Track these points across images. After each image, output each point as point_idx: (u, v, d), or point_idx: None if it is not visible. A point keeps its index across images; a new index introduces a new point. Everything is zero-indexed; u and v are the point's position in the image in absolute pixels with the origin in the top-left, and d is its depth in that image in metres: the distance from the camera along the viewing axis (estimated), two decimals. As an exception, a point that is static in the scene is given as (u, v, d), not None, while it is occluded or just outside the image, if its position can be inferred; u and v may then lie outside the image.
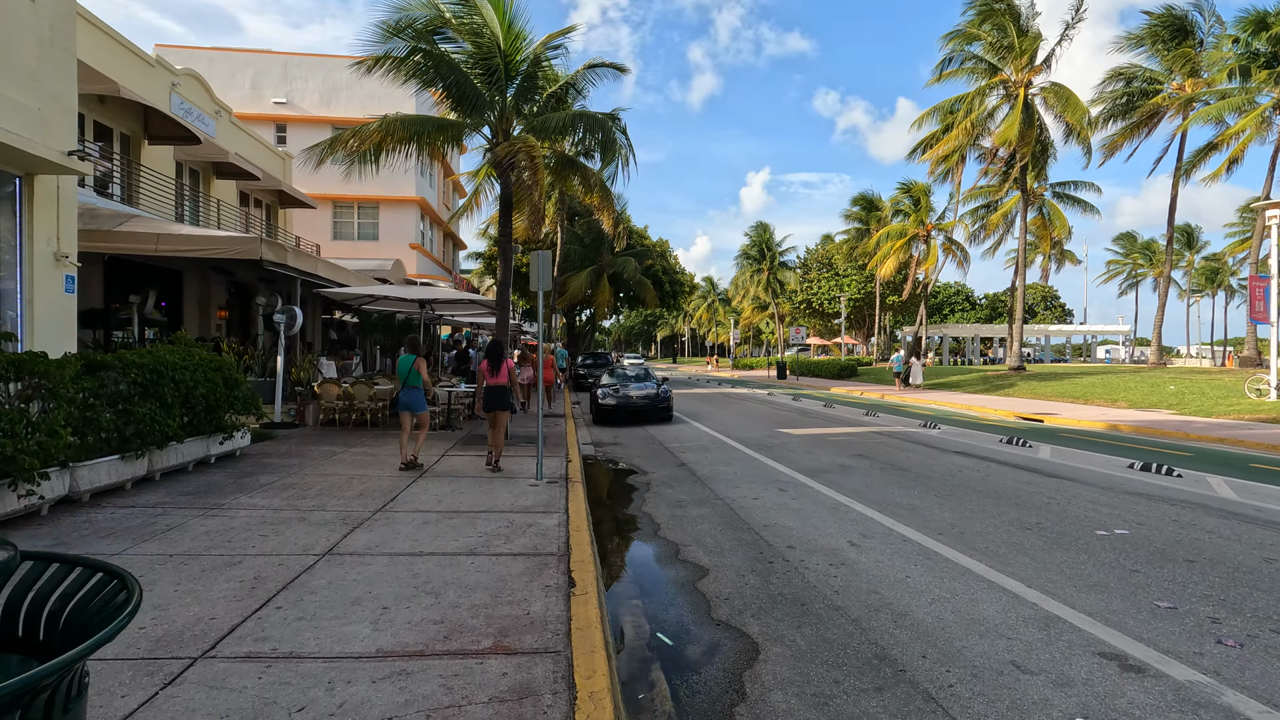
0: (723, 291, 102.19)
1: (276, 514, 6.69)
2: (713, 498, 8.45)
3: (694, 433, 15.30)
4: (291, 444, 11.30)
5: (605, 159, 11.85)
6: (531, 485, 8.49)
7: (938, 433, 15.11)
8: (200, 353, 8.66)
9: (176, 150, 19.05)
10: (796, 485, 9.15)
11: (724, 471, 10.28)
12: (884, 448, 12.68)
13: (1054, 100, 32.44)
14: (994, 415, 19.92)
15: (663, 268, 39.36)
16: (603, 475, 10.40)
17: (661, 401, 17.51)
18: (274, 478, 8.47)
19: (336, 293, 13.63)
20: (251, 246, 12.00)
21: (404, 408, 9.42)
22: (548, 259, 8.93)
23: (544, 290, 9.01)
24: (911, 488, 8.94)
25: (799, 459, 11.38)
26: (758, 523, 7.18)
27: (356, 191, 31.04)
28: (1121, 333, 66.49)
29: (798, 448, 12.72)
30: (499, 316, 12.53)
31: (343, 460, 9.88)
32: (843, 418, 18.65)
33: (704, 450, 12.54)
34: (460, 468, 9.60)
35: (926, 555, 5.98)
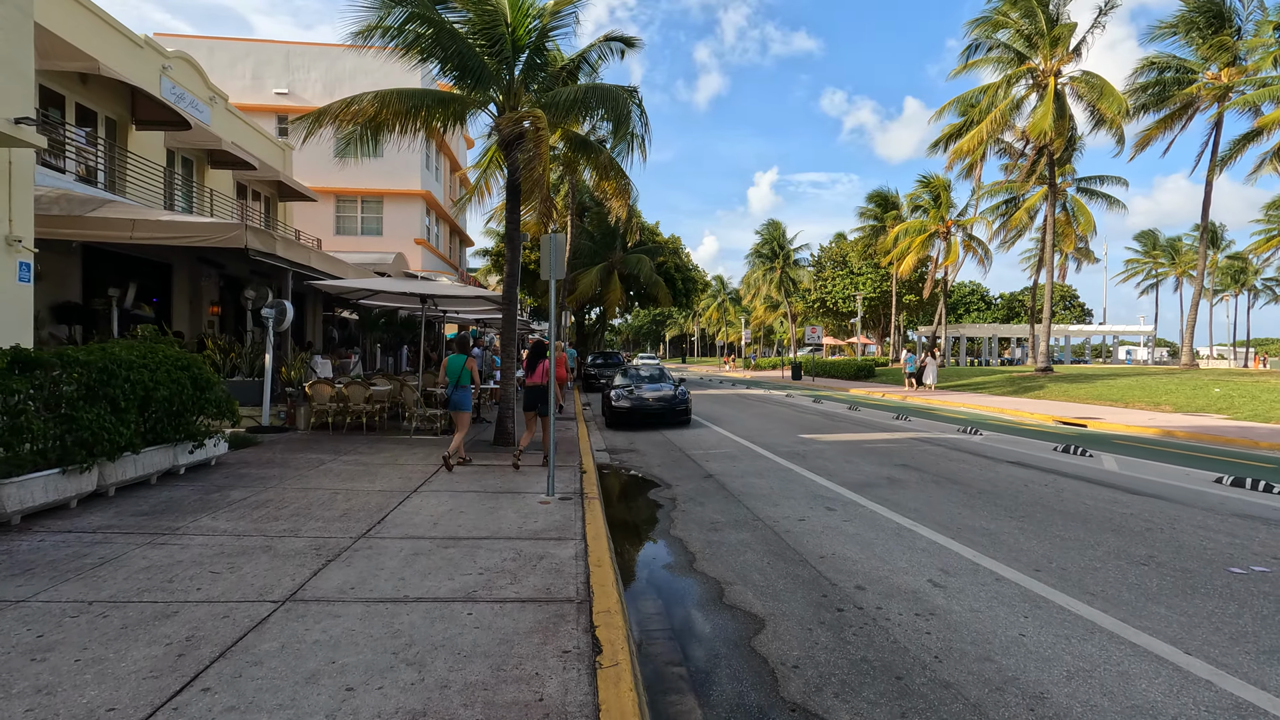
0: (733, 291, 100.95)
1: (239, 542, 5.60)
2: (751, 518, 7.31)
3: (716, 438, 14.15)
4: (276, 451, 10.23)
5: (617, 135, 10.68)
6: (542, 503, 7.37)
7: (981, 439, 13.90)
8: (165, 349, 7.59)
9: (168, 137, 18.08)
10: (845, 503, 8.00)
11: (758, 485, 9.13)
12: (928, 456, 11.50)
13: (1085, 90, 31.09)
14: (1031, 419, 18.67)
15: (675, 265, 38.22)
16: (621, 488, 9.27)
17: (679, 404, 16.38)
18: (248, 493, 7.39)
19: (329, 285, 12.57)
20: (235, 234, 10.96)
21: (455, 407, 9.45)
22: (560, 244, 7.81)
23: (555, 280, 7.90)
24: (978, 507, 7.77)
25: (839, 470, 10.22)
26: (811, 552, 6.03)
27: (360, 185, 30.10)
28: (1144, 333, 64.83)
29: (833, 456, 11.56)
30: (505, 312, 11.43)
31: (330, 471, 8.79)
32: (872, 421, 17.46)
33: (731, 459, 11.39)
34: (460, 479, 8.50)
35: (1033, 602, 4.82)
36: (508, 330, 11.41)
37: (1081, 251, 57.60)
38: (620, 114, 10.51)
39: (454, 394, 9.43)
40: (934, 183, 45.26)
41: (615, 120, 10.58)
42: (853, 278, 56.03)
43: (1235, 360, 70.30)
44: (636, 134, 10.76)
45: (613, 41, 11.70)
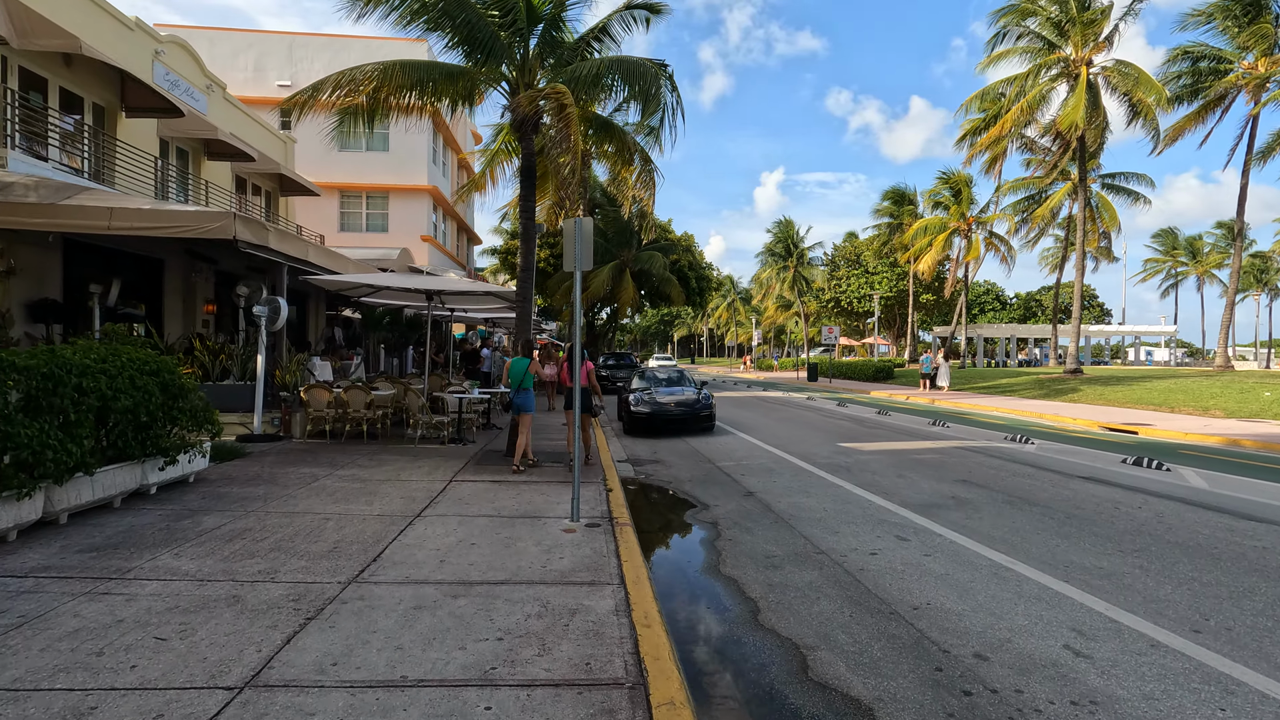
0: (742, 290, 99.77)
1: (200, 590, 4.54)
2: (812, 551, 6.21)
3: (745, 447, 13.05)
4: (265, 464, 9.20)
5: (646, 113, 9.53)
6: (567, 531, 6.30)
7: (1034, 449, 12.75)
8: (132, 351, 6.56)
9: (161, 126, 17.14)
10: (916, 531, 6.89)
11: (807, 506, 8.03)
12: (987, 470, 10.38)
13: (1119, 79, 29.83)
14: (1075, 425, 17.48)
15: (689, 263, 37.12)
16: (652, 510, 8.18)
17: (703, 409, 15.28)
18: (224, 519, 6.34)
19: (326, 280, 11.54)
20: (222, 224, 9.94)
21: (519, 410, 9.38)
22: (587, 231, 6.74)
23: (580, 270, 6.83)
24: (1074, 536, 6.64)
25: (894, 487, 9.10)
26: (900, 601, 4.94)
27: (365, 180, 29.15)
28: (1166, 333, 63.26)
29: (881, 469, 10.45)
30: (520, 309, 10.36)
31: (322, 490, 7.74)
32: (908, 428, 16.31)
33: (768, 472, 10.30)
34: (471, 498, 7.43)
35: (1221, 684, 3.71)
36: (522, 329, 10.35)
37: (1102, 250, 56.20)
38: (649, 90, 9.40)
39: (517, 397, 9.38)
40: (955, 178, 44.02)
41: (643, 98, 9.47)
42: (868, 277, 54.77)
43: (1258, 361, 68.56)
44: (667, 112, 9.57)
45: (636, 9, 10.60)
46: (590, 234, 6.77)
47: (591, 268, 6.78)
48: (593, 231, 6.80)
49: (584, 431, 10.01)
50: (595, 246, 34.98)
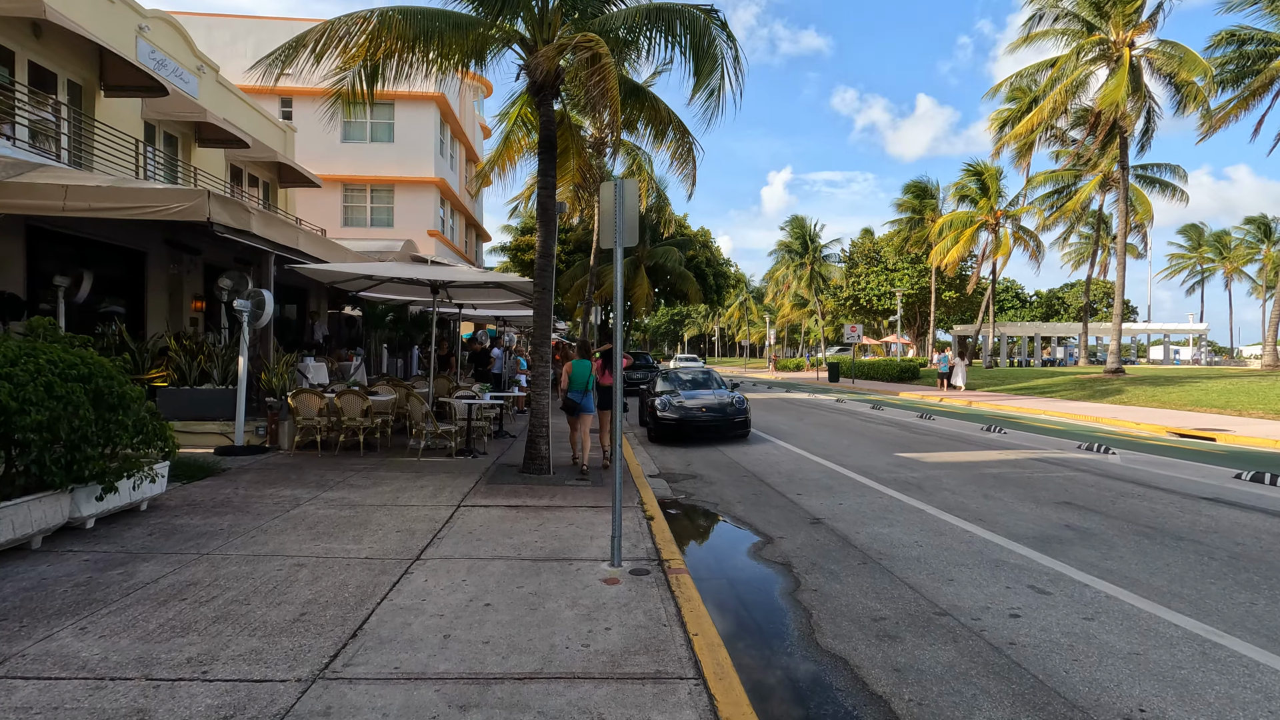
0: (754, 289, 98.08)
1: (93, 697, 3.12)
2: (929, 610, 4.74)
3: (790, 458, 11.58)
4: (241, 484, 7.80)
5: (700, 75, 7.93)
6: (608, 581, 4.86)
7: (1119, 461, 11.21)
8: (55, 352, 5.17)
9: (146, 108, 15.82)
10: (1051, 577, 5.40)
11: (894, 538, 6.55)
12: (1084, 488, 8.87)
13: (1163, 61, 28.11)
14: (1141, 430, 15.88)
15: (706, 259, 35.64)
16: (704, 544, 6.73)
17: (737, 415, 13.80)
18: (166, 567, 4.94)
19: (314, 270, 10.16)
20: (194, 204, 8.56)
21: (584, 411, 9.25)
22: (631, 193, 5.30)
23: (621, 247, 5.38)
24: (1264, 587, 5.14)
25: (985, 510, 7.61)
26: (1096, 703, 3.46)
27: (369, 172, 27.85)
28: (1198, 331, 61.18)
29: (959, 487, 8.95)
30: (538, 301, 8.92)
31: (303, 520, 6.33)
32: (962, 435, 14.78)
33: (827, 491, 8.82)
34: (484, 531, 6.00)
35: None
36: (541, 324, 8.91)
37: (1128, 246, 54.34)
38: (700, 44, 7.85)
39: (584, 400, 9.22)
40: (983, 171, 42.28)
41: (695, 54, 7.92)
42: (888, 274, 53.07)
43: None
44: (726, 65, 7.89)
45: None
46: (635, 200, 5.32)
47: (636, 242, 5.33)
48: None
49: (602, 431, 10.00)
50: (609, 242, 33.52)
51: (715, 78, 8.06)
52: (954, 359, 31.60)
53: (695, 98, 7.96)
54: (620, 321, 5.33)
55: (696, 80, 8.02)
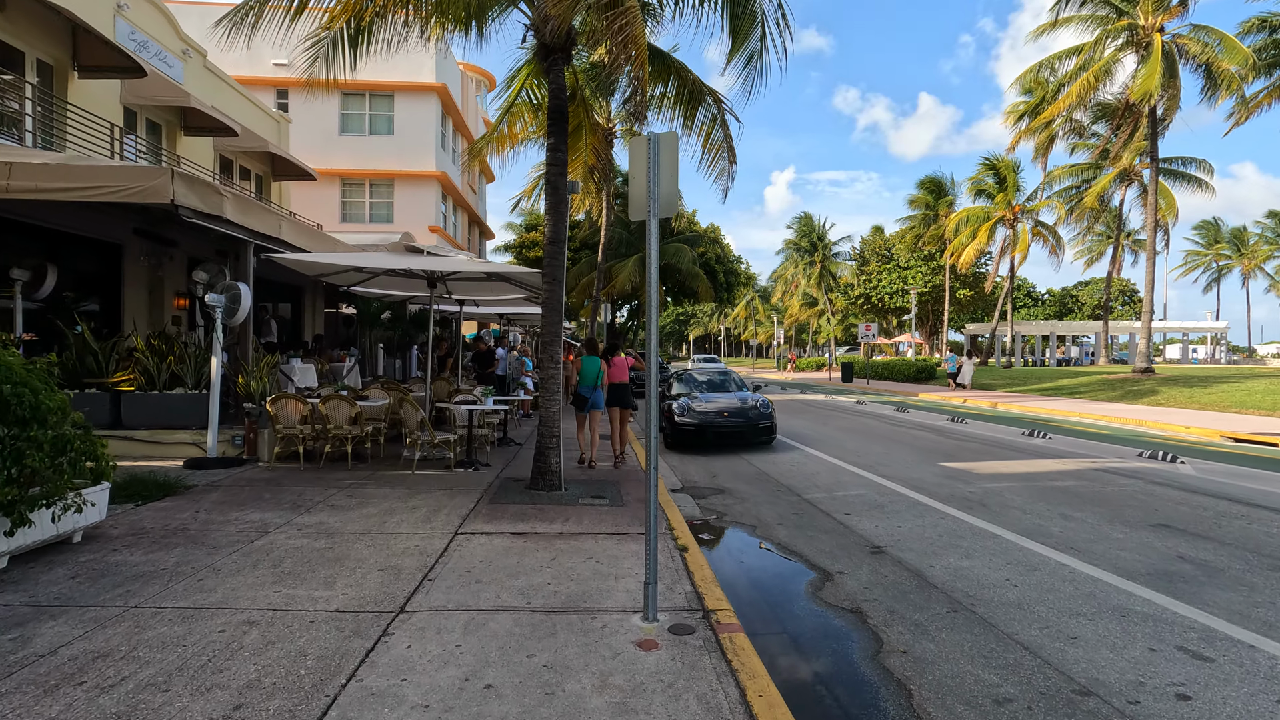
0: (760, 288, 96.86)
1: None
2: (1065, 686, 3.63)
3: (824, 468, 10.47)
4: (204, 506, 6.71)
5: (738, 36, 6.79)
6: (642, 645, 3.76)
7: (1194, 472, 10.07)
8: (-54, 351, 4.09)
9: (126, 92, 14.79)
10: (1202, 634, 4.28)
11: (977, 575, 5.44)
12: (1168, 505, 7.74)
13: (1196, 48, 26.88)
14: (1190, 434, 14.71)
15: (716, 256, 34.53)
16: (749, 581, 5.60)
17: (761, 420, 12.69)
18: (76, 628, 3.85)
19: (293, 260, 9.08)
20: (156, 184, 7.50)
21: (593, 407, 9.56)
22: (670, 147, 4.20)
23: (656, 219, 4.28)
24: None
25: (1072, 536, 6.50)
26: None
27: (368, 166, 26.81)
28: (1217, 330, 59.79)
29: (1028, 505, 7.83)
30: (547, 294, 7.82)
31: (267, 554, 5.24)
32: (1006, 441, 13.64)
33: (878, 510, 7.71)
34: (486, 569, 4.90)
35: None
36: (551, 320, 7.81)
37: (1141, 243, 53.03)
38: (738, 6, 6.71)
39: (593, 396, 9.55)
40: (999, 165, 41.05)
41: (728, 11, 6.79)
42: (901, 271, 51.84)
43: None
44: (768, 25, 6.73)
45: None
46: (675, 159, 4.22)
47: (675, 213, 4.23)
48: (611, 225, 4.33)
49: (615, 427, 10.06)
50: (618, 238, 32.39)
51: (755, 38, 6.94)
52: (961, 358, 31.45)
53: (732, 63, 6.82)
54: (655, 310, 4.24)
55: (733, 42, 6.91)
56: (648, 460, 4.35)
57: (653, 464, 4.31)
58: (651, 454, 4.31)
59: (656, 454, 4.36)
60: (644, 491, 7.95)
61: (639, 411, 16.08)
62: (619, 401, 10.07)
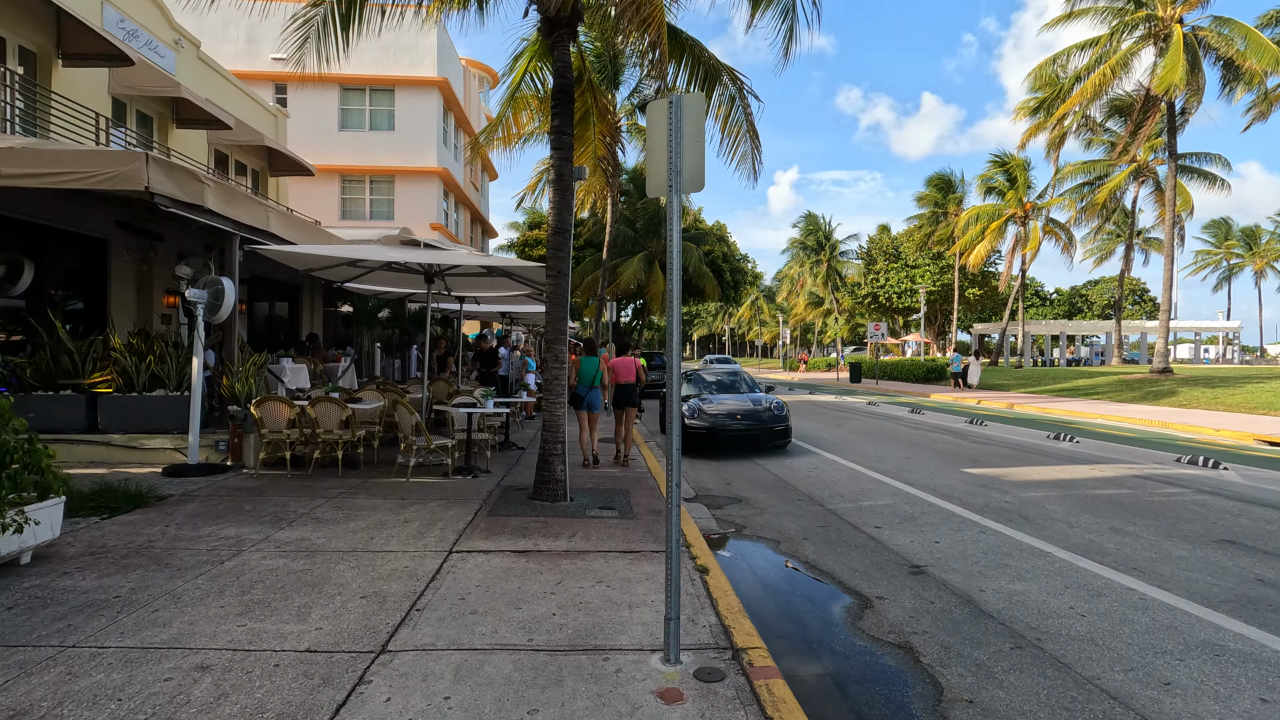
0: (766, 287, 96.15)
1: None
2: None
3: (844, 474, 9.86)
4: (175, 520, 6.13)
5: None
6: (663, 695, 3.18)
7: (1242, 480, 9.45)
8: None
9: (114, 82, 14.25)
10: (1315, 679, 3.67)
11: (1037, 602, 4.83)
12: (1226, 517, 7.12)
13: (1217, 40, 26.20)
14: (1221, 438, 14.07)
15: (723, 254, 33.91)
16: (779, 610, 4.99)
17: (776, 422, 12.08)
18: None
19: (283, 252, 8.49)
20: (128, 170, 6.94)
21: (588, 407, 9.64)
22: (695, 110, 3.61)
23: (679, 196, 3.69)
24: None
25: (1129, 554, 5.89)
26: None
27: (368, 162, 26.28)
28: (1229, 329, 58.96)
29: (1073, 518, 7.22)
30: (552, 289, 7.23)
31: (238, 577, 4.66)
32: (1032, 445, 13.01)
33: (910, 522, 7.10)
34: (482, 596, 4.31)
35: None
36: (555, 316, 7.22)
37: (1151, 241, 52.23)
38: None
39: (589, 395, 9.66)
40: (1010, 162, 40.37)
41: None
42: (909, 270, 51.14)
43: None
44: None
45: None
46: (701, 124, 3.63)
47: (703, 188, 3.63)
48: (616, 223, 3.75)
49: (620, 428, 10.06)
50: (623, 236, 31.78)
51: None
52: (967, 359, 31.26)
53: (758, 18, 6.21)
54: (677, 302, 3.65)
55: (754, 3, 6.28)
56: (669, 482, 3.76)
57: (675, 486, 3.72)
58: (674, 473, 3.72)
59: (679, 473, 3.76)
60: (655, 501, 7.37)
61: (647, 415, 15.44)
62: (626, 401, 10.11)
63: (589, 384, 9.66)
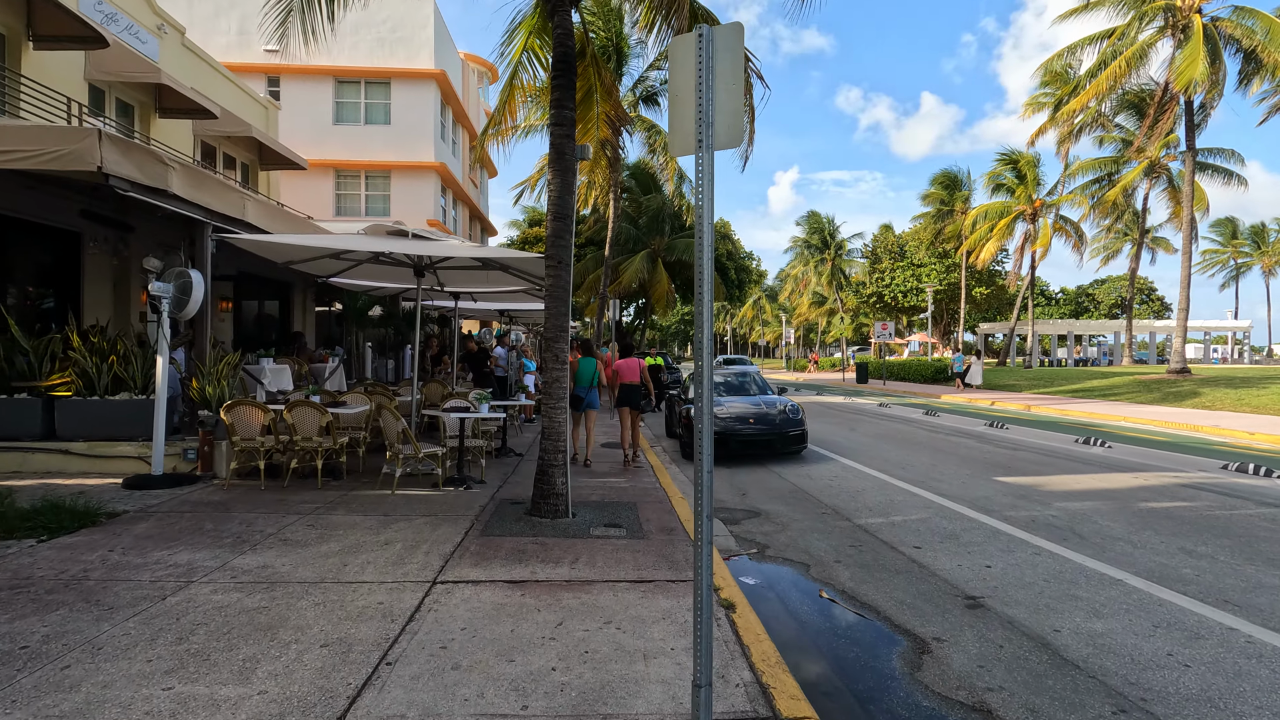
0: (768, 287, 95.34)
1: None
2: None
3: (869, 484, 9.11)
4: (122, 543, 5.39)
5: None
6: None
7: (1300, 488, 8.69)
8: None
9: (91, 67, 13.52)
10: None
11: (1126, 647, 4.09)
12: (1310, 537, 6.37)
13: (1237, 31, 25.43)
14: (1256, 441, 13.30)
15: (727, 252, 33.15)
16: (819, 657, 4.24)
17: (791, 426, 11.33)
18: None
19: (258, 242, 7.76)
20: (77, 148, 6.20)
21: (587, 407, 9.68)
22: (729, 43, 2.87)
23: (710, 152, 2.94)
24: None
25: (1216, 581, 5.14)
26: None
27: (363, 157, 25.55)
28: (1239, 329, 58.18)
29: (1134, 536, 6.47)
30: (552, 280, 6.49)
31: (178, 619, 3.91)
32: (1062, 451, 12.26)
33: (953, 541, 6.35)
34: (469, 641, 3.56)
35: None
36: (555, 310, 6.47)
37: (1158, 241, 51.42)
38: None
39: (588, 396, 9.69)
40: (1019, 159, 39.58)
41: None
42: (915, 269, 50.35)
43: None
44: None
45: None
46: (740, 64, 2.89)
47: (740, 142, 2.88)
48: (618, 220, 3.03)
49: (626, 430, 10.01)
50: (625, 233, 30.99)
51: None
52: (969, 358, 30.92)
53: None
54: (709, 287, 2.90)
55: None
56: (698, 525, 3.01)
57: (705, 542, 2.96)
58: (704, 521, 2.97)
59: (709, 506, 3.01)
60: (666, 517, 6.63)
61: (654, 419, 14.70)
62: (630, 403, 10.12)
63: (587, 384, 9.65)
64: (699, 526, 3.02)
